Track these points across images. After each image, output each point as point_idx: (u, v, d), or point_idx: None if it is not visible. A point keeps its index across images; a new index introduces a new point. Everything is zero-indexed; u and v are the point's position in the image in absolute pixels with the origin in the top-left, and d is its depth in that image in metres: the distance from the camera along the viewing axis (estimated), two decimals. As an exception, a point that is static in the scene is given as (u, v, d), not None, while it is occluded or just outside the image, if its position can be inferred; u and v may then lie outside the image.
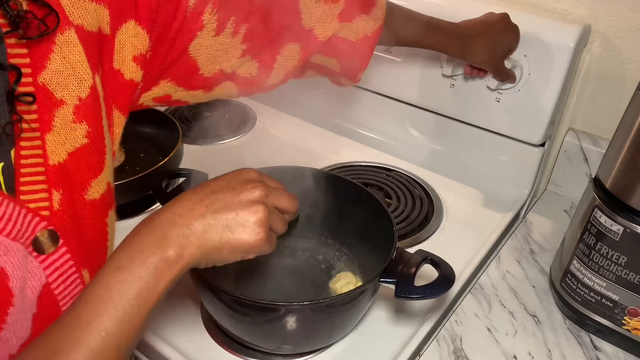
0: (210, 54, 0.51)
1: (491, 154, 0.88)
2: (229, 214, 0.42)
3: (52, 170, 0.39)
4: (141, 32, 0.44)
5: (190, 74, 0.52)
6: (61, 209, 0.39)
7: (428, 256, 0.56)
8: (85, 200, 0.41)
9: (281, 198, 0.47)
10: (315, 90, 1.05)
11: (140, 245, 0.39)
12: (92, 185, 0.42)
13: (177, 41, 0.48)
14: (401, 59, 0.89)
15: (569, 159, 0.87)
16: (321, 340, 0.60)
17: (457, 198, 0.86)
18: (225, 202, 0.43)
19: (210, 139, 0.99)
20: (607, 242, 0.58)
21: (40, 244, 0.38)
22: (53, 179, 0.39)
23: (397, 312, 0.66)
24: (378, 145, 0.98)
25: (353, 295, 0.54)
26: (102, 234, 0.44)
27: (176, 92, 0.53)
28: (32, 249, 0.38)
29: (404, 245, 0.75)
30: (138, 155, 0.90)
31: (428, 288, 0.52)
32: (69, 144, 0.39)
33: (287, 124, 1.05)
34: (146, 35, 0.45)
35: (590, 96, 0.83)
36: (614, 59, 0.79)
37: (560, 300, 0.66)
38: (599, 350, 0.63)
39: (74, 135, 0.40)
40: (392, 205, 0.82)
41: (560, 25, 0.76)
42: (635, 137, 0.55)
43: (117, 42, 0.43)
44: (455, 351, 0.62)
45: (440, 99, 0.88)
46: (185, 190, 0.57)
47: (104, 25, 0.42)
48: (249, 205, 0.43)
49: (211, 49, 0.51)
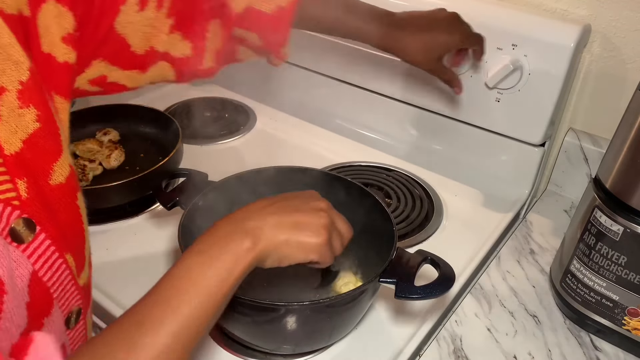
0: (137, 29, 0.51)
1: (491, 154, 0.88)
2: (298, 215, 0.47)
3: (10, 161, 0.38)
4: (64, 11, 0.43)
5: (122, 51, 0.51)
6: (30, 197, 0.39)
7: (428, 256, 0.56)
8: (51, 186, 0.41)
9: (341, 220, 0.51)
10: (315, 89, 1.05)
11: (219, 234, 0.44)
12: (55, 170, 0.41)
13: (102, 18, 0.48)
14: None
15: (569, 159, 0.87)
16: (321, 341, 0.60)
17: (457, 198, 0.86)
18: (295, 206, 0.48)
19: (210, 139, 0.99)
20: (607, 242, 0.58)
21: (18, 234, 0.38)
22: (13, 169, 0.38)
23: (397, 312, 0.66)
24: (378, 145, 0.98)
25: (353, 296, 0.54)
26: (76, 217, 0.44)
27: (111, 72, 0.52)
28: (10, 240, 0.37)
29: (404, 245, 0.75)
30: (138, 155, 0.90)
31: (428, 288, 0.52)
32: (21, 131, 0.38)
33: (287, 124, 1.05)
34: (70, 13, 0.44)
35: (590, 96, 0.83)
36: (614, 59, 0.79)
37: (561, 300, 0.66)
38: (599, 351, 0.63)
39: (24, 122, 0.38)
40: (392, 205, 0.82)
41: (560, 25, 0.76)
42: (635, 137, 0.55)
43: (40, 24, 0.42)
44: (456, 351, 0.62)
45: (440, 99, 0.88)
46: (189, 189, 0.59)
47: (23, 6, 0.40)
48: (316, 211, 0.48)
49: (138, 24, 0.51)
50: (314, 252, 0.47)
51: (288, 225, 0.46)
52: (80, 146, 0.87)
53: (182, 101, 1.10)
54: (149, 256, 0.73)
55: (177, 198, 0.65)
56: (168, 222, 0.78)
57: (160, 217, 0.79)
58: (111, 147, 0.87)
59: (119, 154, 0.86)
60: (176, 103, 1.09)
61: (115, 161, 0.85)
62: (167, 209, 0.65)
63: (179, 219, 0.60)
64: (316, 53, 0.99)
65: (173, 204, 0.65)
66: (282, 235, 0.45)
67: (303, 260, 0.47)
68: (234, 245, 0.43)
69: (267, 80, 1.13)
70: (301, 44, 1.00)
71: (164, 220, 0.79)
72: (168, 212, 0.66)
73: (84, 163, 0.83)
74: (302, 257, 0.47)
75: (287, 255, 0.46)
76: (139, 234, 0.77)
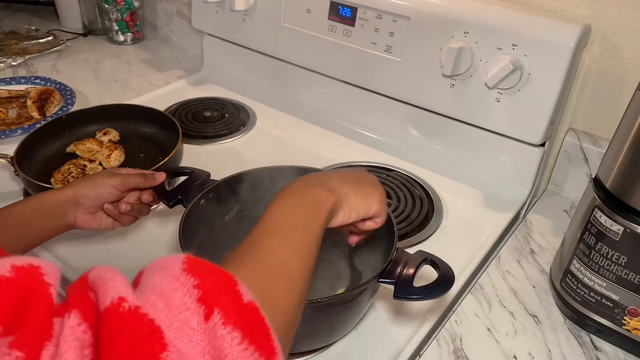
0: None
1: (491, 154, 0.88)
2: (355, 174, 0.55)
3: None
4: None
5: None
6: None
7: (428, 257, 0.56)
8: None
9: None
10: (315, 89, 1.06)
11: (297, 186, 0.49)
12: None
13: None
14: (401, 59, 0.89)
15: (569, 159, 0.87)
16: (320, 340, 0.60)
17: (457, 198, 0.86)
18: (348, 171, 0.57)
19: (210, 139, 0.99)
20: (607, 242, 0.58)
21: None
22: None
23: (397, 312, 0.66)
24: (378, 145, 0.98)
25: (352, 295, 0.54)
26: None
27: None
28: None
29: (404, 245, 0.75)
30: (138, 155, 0.90)
31: (427, 289, 0.52)
32: None
33: (287, 124, 1.05)
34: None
35: (590, 96, 0.83)
36: (614, 59, 0.79)
37: (560, 300, 0.66)
38: (599, 351, 0.63)
39: None
40: (392, 205, 0.82)
41: (560, 25, 0.76)
42: (635, 137, 0.55)
43: None
44: (456, 351, 0.62)
45: (440, 99, 0.88)
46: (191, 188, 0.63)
47: None
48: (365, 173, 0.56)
49: None
50: (377, 201, 0.53)
51: (351, 180, 0.52)
52: (80, 146, 0.87)
53: (182, 101, 1.10)
54: (150, 254, 0.72)
55: (180, 196, 0.65)
56: (169, 220, 0.78)
57: (161, 215, 0.79)
58: (111, 147, 0.87)
59: (119, 154, 0.86)
60: (176, 103, 1.09)
61: (115, 161, 0.85)
62: (169, 206, 0.65)
63: (180, 217, 0.60)
64: (316, 53, 0.99)
65: (175, 202, 0.65)
66: (349, 186, 0.51)
67: (366, 211, 0.52)
68: (314, 192, 0.48)
69: (267, 80, 1.13)
70: (301, 44, 1.00)
71: (165, 219, 0.79)
72: (170, 210, 0.66)
73: (84, 163, 0.83)
74: (367, 207, 0.52)
75: (356, 205, 0.51)
76: (140, 232, 0.77)
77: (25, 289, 0.28)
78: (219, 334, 0.29)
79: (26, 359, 0.25)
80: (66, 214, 0.61)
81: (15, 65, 1.22)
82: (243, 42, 1.11)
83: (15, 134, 0.94)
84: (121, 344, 0.27)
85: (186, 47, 1.37)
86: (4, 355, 0.25)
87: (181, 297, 0.31)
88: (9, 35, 1.35)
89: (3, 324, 0.27)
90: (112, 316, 0.28)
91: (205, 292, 0.31)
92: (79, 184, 0.63)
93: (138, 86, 1.18)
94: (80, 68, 1.24)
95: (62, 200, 0.61)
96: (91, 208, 0.63)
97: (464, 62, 0.81)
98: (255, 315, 0.31)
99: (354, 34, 0.93)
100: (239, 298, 0.32)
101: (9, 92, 1.07)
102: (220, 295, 0.31)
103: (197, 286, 0.31)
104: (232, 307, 0.31)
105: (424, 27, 0.84)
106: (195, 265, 0.32)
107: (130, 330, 0.28)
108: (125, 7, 1.31)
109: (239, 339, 0.30)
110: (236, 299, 0.31)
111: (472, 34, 0.80)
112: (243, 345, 0.30)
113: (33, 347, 0.26)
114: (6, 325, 0.27)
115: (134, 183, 0.65)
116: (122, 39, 1.37)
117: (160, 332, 0.28)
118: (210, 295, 0.31)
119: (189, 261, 0.33)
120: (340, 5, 0.92)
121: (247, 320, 0.31)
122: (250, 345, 0.30)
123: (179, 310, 0.30)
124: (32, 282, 0.29)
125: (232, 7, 1.02)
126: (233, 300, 0.31)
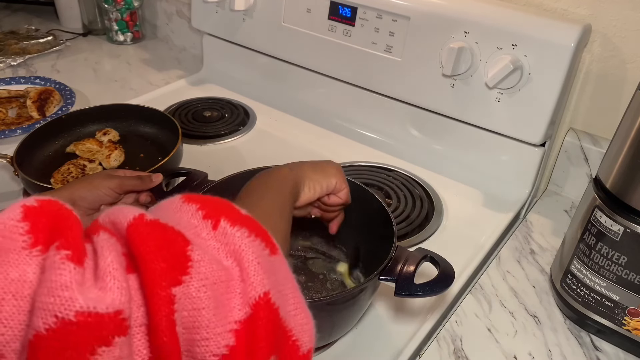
0: None
1: (491, 154, 0.88)
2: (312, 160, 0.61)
3: None
4: None
5: None
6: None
7: (427, 254, 0.56)
8: None
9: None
10: (315, 89, 1.05)
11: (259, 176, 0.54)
12: None
13: None
14: (401, 59, 0.89)
15: (569, 159, 0.87)
16: (321, 339, 0.59)
17: (457, 198, 0.86)
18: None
19: (210, 139, 0.99)
20: (607, 242, 0.58)
21: None
22: None
23: (397, 312, 0.66)
24: (378, 145, 0.98)
25: (353, 294, 0.54)
26: None
27: None
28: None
29: (404, 245, 0.74)
30: (138, 155, 0.89)
31: (428, 286, 0.52)
32: None
33: (287, 124, 1.04)
34: None
35: (590, 96, 0.83)
36: (614, 58, 0.79)
37: (561, 300, 0.66)
38: (599, 351, 0.63)
39: None
40: (392, 205, 0.82)
41: (561, 25, 0.76)
42: (635, 137, 0.55)
43: None
44: (456, 351, 0.62)
45: (440, 99, 0.87)
46: (189, 188, 0.64)
47: None
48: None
49: None
50: (334, 174, 0.59)
51: (308, 163, 0.59)
52: (80, 146, 0.87)
53: (182, 101, 1.10)
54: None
55: None
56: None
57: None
58: (111, 147, 0.87)
59: (119, 154, 0.86)
60: (176, 103, 1.09)
61: (115, 161, 0.85)
62: (167, 208, 0.65)
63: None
64: (316, 53, 0.99)
65: (173, 203, 0.65)
66: (306, 167, 0.57)
67: (328, 185, 0.58)
68: (276, 172, 0.54)
69: (267, 80, 1.13)
70: (301, 44, 1.00)
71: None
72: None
73: (83, 163, 0.83)
74: (327, 181, 0.58)
75: (317, 180, 0.57)
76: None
77: (54, 214, 0.31)
78: (229, 232, 0.34)
79: (73, 255, 0.29)
80: None
81: (15, 65, 1.22)
82: (243, 42, 1.11)
83: (15, 134, 0.94)
84: (153, 242, 0.31)
85: (186, 47, 1.36)
86: (55, 255, 0.29)
87: (188, 218, 0.35)
88: (8, 35, 1.35)
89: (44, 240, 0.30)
90: (139, 225, 0.32)
91: (209, 210, 0.35)
92: (76, 185, 0.63)
93: (138, 86, 1.18)
94: (80, 68, 1.24)
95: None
96: (88, 210, 0.63)
97: (464, 62, 0.81)
98: (255, 222, 0.36)
99: (354, 33, 0.93)
100: (239, 211, 0.36)
101: (8, 92, 1.07)
102: (223, 209, 0.36)
103: (199, 209, 0.35)
104: (235, 215, 0.36)
105: (424, 27, 0.84)
106: (193, 196, 0.37)
107: (156, 233, 0.32)
108: (125, 7, 1.31)
109: (247, 233, 0.34)
110: (237, 212, 0.36)
111: (472, 33, 0.80)
112: (251, 238, 0.34)
113: (77, 249, 0.30)
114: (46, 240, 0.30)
115: (131, 186, 0.65)
116: (121, 38, 1.37)
117: (182, 233, 0.33)
118: (213, 210, 0.35)
119: (186, 195, 0.37)
120: (340, 5, 0.92)
121: (250, 224, 0.35)
122: (257, 238, 0.35)
123: (188, 228, 0.34)
124: (58, 208, 0.32)
125: (232, 7, 1.02)
126: (235, 211, 0.36)
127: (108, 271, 0.29)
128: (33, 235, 0.29)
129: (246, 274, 0.33)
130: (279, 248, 0.36)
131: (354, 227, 0.68)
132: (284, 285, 0.35)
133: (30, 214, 0.30)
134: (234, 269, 0.33)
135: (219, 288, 0.32)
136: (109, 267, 0.30)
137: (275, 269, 0.35)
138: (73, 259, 0.29)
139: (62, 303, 0.27)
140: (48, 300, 0.27)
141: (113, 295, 0.29)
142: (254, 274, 0.33)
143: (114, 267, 0.30)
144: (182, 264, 0.31)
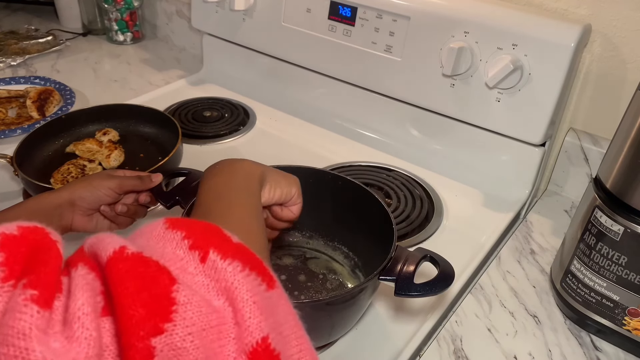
0: None
1: (491, 154, 0.88)
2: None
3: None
4: None
5: None
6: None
7: (427, 254, 0.56)
8: None
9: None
10: (315, 89, 1.05)
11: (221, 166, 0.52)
12: None
13: None
14: (401, 59, 0.89)
15: (569, 159, 0.87)
16: (321, 339, 0.59)
17: (457, 198, 0.86)
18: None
19: (210, 139, 0.99)
20: (607, 242, 0.58)
21: None
22: None
23: (397, 312, 0.66)
24: (378, 145, 0.98)
25: (352, 293, 0.54)
26: None
27: None
28: None
29: (404, 245, 0.74)
30: (138, 155, 0.89)
31: (428, 286, 0.52)
32: None
33: (287, 124, 1.04)
34: None
35: (590, 96, 0.83)
36: (614, 58, 0.79)
37: (561, 300, 0.66)
38: (600, 351, 0.63)
39: None
40: (392, 205, 0.82)
41: (561, 25, 0.75)
42: (635, 137, 0.55)
43: None
44: (456, 351, 0.62)
45: (441, 98, 0.87)
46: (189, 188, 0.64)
47: None
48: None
49: None
50: (296, 185, 0.57)
51: (270, 166, 0.57)
52: (80, 146, 0.87)
53: (182, 101, 1.10)
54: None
55: (178, 197, 0.65)
56: (168, 222, 0.78)
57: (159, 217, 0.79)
58: (111, 147, 0.87)
59: (119, 154, 0.86)
60: (176, 103, 1.09)
61: (115, 161, 0.85)
62: (167, 208, 0.65)
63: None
64: (316, 53, 0.99)
65: (173, 202, 0.65)
66: (269, 167, 0.55)
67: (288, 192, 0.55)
68: (239, 164, 0.52)
69: (267, 80, 1.13)
70: (301, 44, 1.00)
71: (163, 220, 0.78)
72: (167, 211, 0.66)
73: (83, 163, 0.83)
74: (288, 187, 0.55)
75: (279, 181, 0.54)
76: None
77: (35, 244, 0.29)
78: (219, 267, 0.30)
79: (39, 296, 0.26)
80: (63, 216, 0.61)
81: (15, 65, 1.22)
82: (243, 41, 1.11)
83: (15, 134, 0.94)
84: (132, 283, 0.28)
85: (186, 47, 1.36)
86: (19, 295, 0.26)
87: (172, 250, 0.31)
88: (8, 35, 1.35)
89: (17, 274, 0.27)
90: (118, 261, 0.29)
91: (195, 239, 0.32)
92: (75, 186, 0.62)
93: (138, 86, 1.18)
94: (80, 68, 1.24)
95: (58, 203, 0.60)
96: (87, 210, 0.63)
97: (464, 61, 0.81)
98: (248, 251, 0.32)
99: (354, 33, 0.93)
100: (229, 239, 0.33)
101: (8, 92, 1.07)
102: (211, 238, 0.32)
103: (185, 237, 0.32)
104: (226, 245, 0.32)
105: (424, 26, 0.84)
106: (177, 222, 0.33)
107: (138, 269, 0.29)
108: (124, 6, 1.31)
109: (240, 267, 0.31)
110: (227, 240, 0.33)
111: (472, 33, 0.80)
112: (245, 272, 0.31)
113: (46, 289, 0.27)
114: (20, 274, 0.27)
115: (131, 186, 0.65)
116: (121, 38, 1.37)
117: (167, 270, 0.29)
118: (201, 239, 0.32)
119: (169, 220, 0.34)
120: (340, 4, 0.92)
121: (243, 255, 0.32)
122: (252, 272, 0.31)
123: (173, 261, 0.31)
124: (41, 238, 0.30)
125: (232, 6, 1.02)
126: (224, 240, 0.32)
127: (77, 316, 0.26)
128: (7, 267, 0.27)
129: (241, 316, 0.29)
130: (276, 280, 0.33)
131: (354, 227, 0.68)
132: (284, 325, 0.32)
133: (8, 243, 0.28)
134: (226, 310, 0.29)
135: (208, 335, 0.28)
136: (79, 311, 0.27)
137: (274, 307, 0.31)
138: (39, 300, 0.26)
139: (16, 355, 0.24)
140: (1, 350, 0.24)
141: (79, 347, 0.25)
142: (250, 316, 0.29)
143: (84, 311, 0.27)
144: (164, 309, 0.27)
